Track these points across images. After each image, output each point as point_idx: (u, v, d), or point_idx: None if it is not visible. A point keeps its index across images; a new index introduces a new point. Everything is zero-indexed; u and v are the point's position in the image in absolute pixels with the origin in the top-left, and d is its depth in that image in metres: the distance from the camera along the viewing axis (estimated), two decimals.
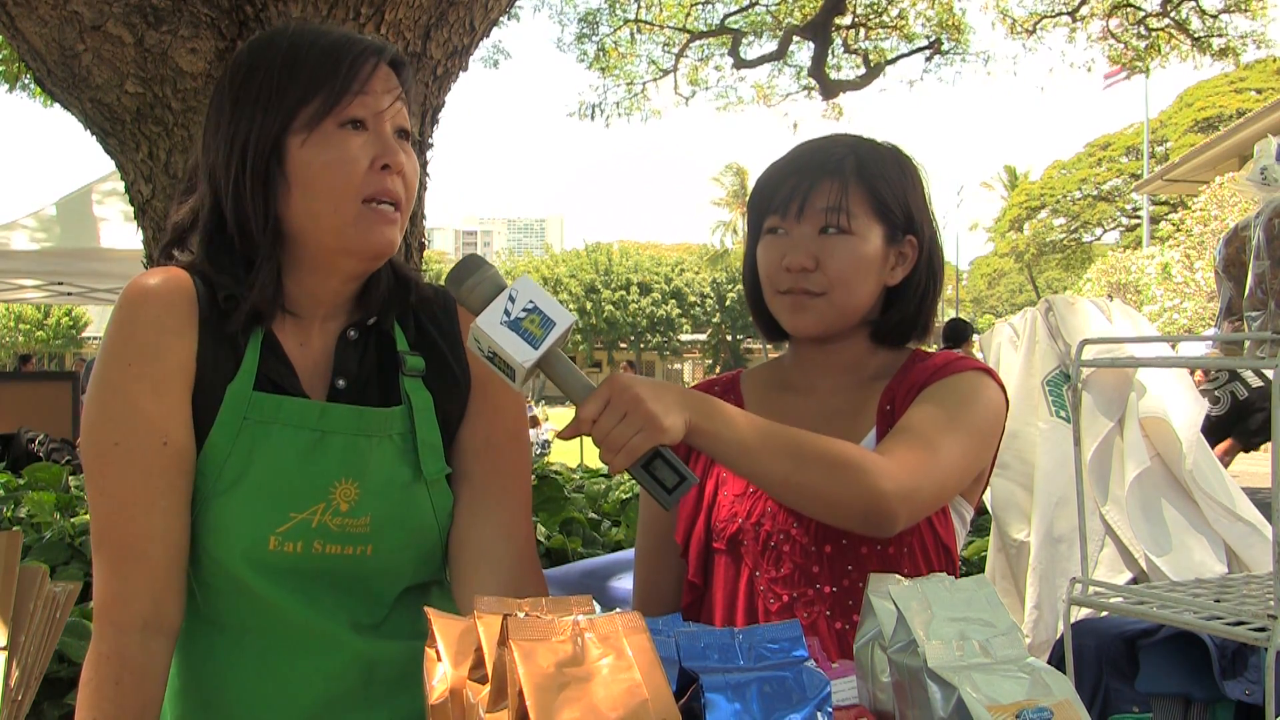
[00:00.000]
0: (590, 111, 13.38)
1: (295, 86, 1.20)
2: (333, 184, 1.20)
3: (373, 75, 1.22)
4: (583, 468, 8.56)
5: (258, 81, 1.22)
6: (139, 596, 1.17)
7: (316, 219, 1.21)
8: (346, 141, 1.20)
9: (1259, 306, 1.25)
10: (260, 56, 1.24)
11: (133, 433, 1.17)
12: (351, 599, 1.24)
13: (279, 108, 1.20)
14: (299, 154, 1.20)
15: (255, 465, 1.20)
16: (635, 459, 1.14)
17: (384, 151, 1.21)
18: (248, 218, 1.21)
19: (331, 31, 1.25)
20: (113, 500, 1.18)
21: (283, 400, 1.22)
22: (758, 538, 1.44)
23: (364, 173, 1.20)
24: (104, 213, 9.08)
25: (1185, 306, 20.36)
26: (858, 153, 1.45)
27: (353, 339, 1.28)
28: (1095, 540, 3.44)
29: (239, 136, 1.21)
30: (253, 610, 1.22)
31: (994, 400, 1.43)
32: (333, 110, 1.19)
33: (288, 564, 1.20)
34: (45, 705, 3.12)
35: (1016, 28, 11.49)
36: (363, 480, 1.23)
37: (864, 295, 1.44)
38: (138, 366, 1.18)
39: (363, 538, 1.23)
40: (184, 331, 1.19)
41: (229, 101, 1.23)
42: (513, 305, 1.13)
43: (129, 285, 1.22)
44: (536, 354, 1.12)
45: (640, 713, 0.69)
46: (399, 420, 1.26)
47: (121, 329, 1.19)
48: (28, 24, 2.95)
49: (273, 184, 1.20)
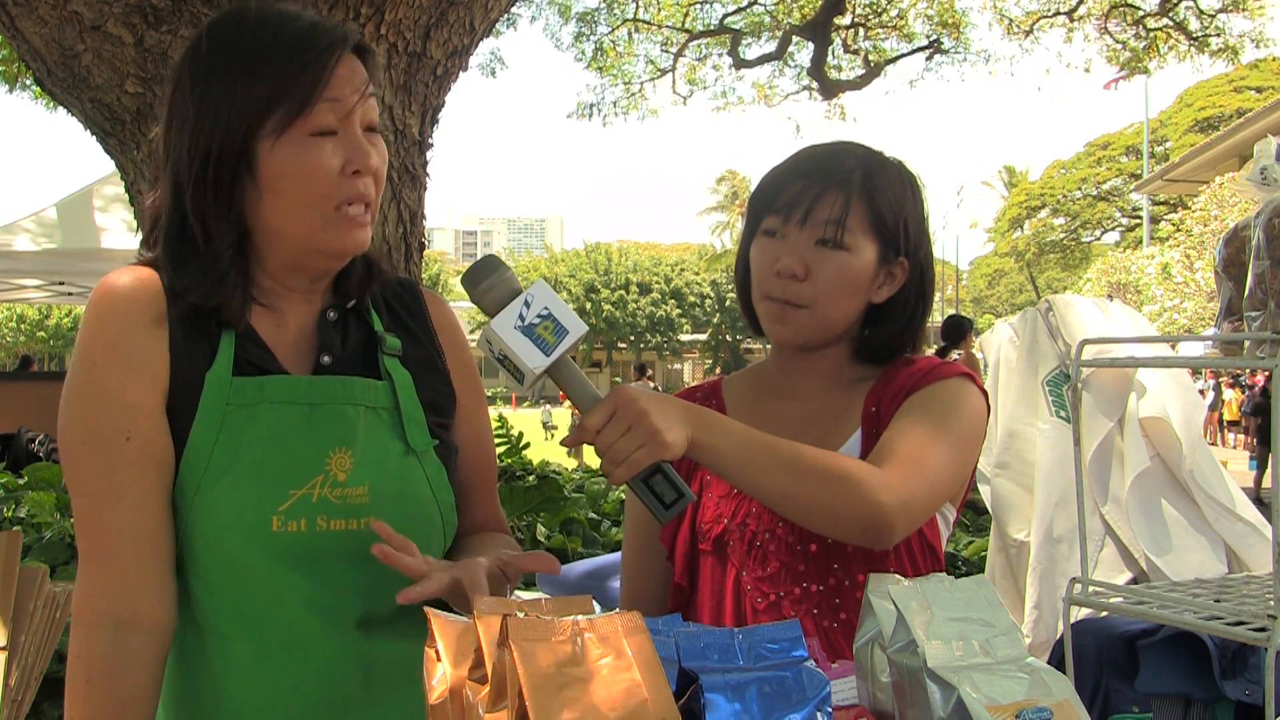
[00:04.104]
0: (588, 111, 13.39)
1: (261, 86, 1.18)
2: (303, 191, 1.19)
3: (338, 71, 1.20)
4: (583, 468, 8.57)
5: (220, 77, 1.19)
6: (109, 594, 1.17)
7: (286, 222, 1.21)
8: (318, 147, 1.19)
9: (1259, 306, 1.25)
10: (223, 48, 1.21)
11: (98, 430, 1.17)
12: (361, 585, 1.24)
13: (245, 108, 1.18)
14: (269, 159, 1.18)
15: (246, 448, 1.19)
16: (636, 472, 1.15)
17: (355, 156, 1.20)
18: (209, 219, 1.20)
19: (297, 20, 1.22)
20: (82, 497, 1.19)
21: (265, 380, 1.22)
22: (743, 537, 1.44)
23: (334, 179, 1.19)
24: (105, 214, 9.09)
25: (1185, 306, 20.38)
26: (866, 167, 1.45)
27: (333, 319, 1.29)
28: (1095, 540, 3.44)
29: (201, 135, 1.19)
30: (254, 605, 1.21)
31: (978, 407, 1.45)
32: (302, 115, 1.18)
33: (293, 545, 1.20)
34: (45, 705, 3.12)
35: (1013, 28, 11.49)
36: (355, 449, 1.23)
37: (847, 311, 1.45)
38: (104, 365, 1.18)
39: (363, 509, 1.23)
40: (152, 328, 1.19)
41: (190, 96, 1.20)
42: (527, 310, 1.13)
43: (97, 285, 1.22)
44: (548, 361, 1.13)
45: (640, 713, 0.69)
46: (384, 394, 1.27)
47: (89, 328, 1.20)
48: (28, 24, 2.95)
49: (239, 186, 1.20)
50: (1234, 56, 11.18)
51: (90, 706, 1.15)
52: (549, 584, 3.54)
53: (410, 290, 1.39)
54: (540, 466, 6.92)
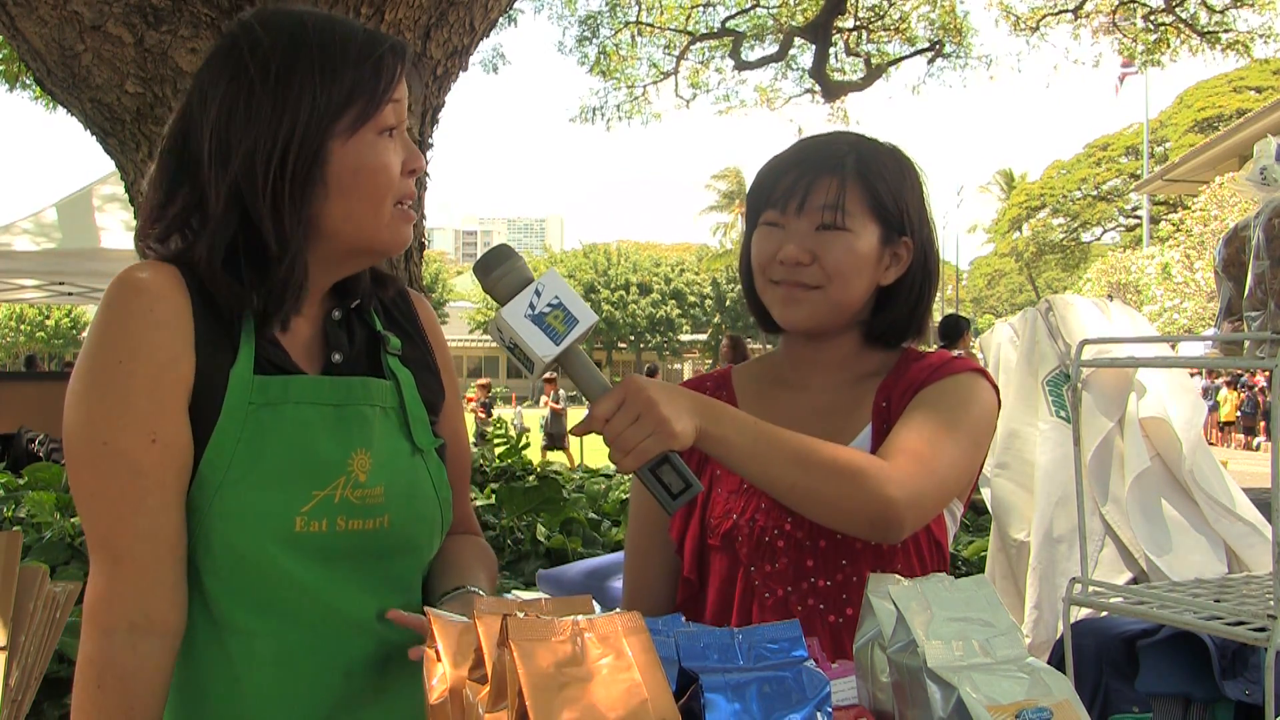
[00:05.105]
0: (591, 115, 13.40)
1: (339, 89, 1.20)
2: (374, 188, 1.21)
3: (401, 79, 1.24)
4: (583, 468, 8.57)
5: (298, 78, 1.19)
6: (124, 597, 1.15)
7: (352, 220, 1.22)
8: (385, 147, 1.22)
9: (1259, 306, 1.24)
10: (293, 49, 1.21)
11: (122, 431, 1.15)
12: (373, 583, 1.25)
13: (325, 109, 1.19)
14: (341, 157, 1.20)
15: (270, 448, 1.19)
16: (644, 462, 1.16)
17: (411, 157, 1.25)
18: (285, 219, 1.20)
19: (352, 25, 1.25)
20: (101, 500, 1.17)
21: (290, 380, 1.22)
22: (752, 533, 1.44)
23: (398, 176, 1.23)
24: (104, 214, 9.10)
25: (1185, 306, 20.39)
26: (859, 151, 1.46)
27: (338, 320, 1.30)
28: (1095, 540, 3.44)
29: (280, 135, 1.19)
30: (273, 602, 1.20)
31: (989, 402, 1.45)
32: (373, 117, 1.21)
33: (313, 545, 1.20)
34: (45, 705, 3.12)
35: (1020, 24, 11.48)
36: (373, 449, 1.25)
37: (858, 292, 1.45)
38: (129, 363, 1.16)
39: (379, 508, 1.24)
40: (178, 325, 1.18)
41: (264, 95, 1.19)
42: (538, 299, 1.15)
43: (118, 279, 1.19)
44: (558, 349, 1.14)
45: (640, 713, 0.69)
46: (391, 394, 1.29)
47: (111, 324, 1.17)
48: (28, 24, 2.95)
49: (312, 185, 1.20)
50: (1245, 51, 11.14)
51: (99, 710, 1.14)
52: (549, 584, 3.54)
53: (399, 289, 1.41)
54: (541, 466, 6.92)
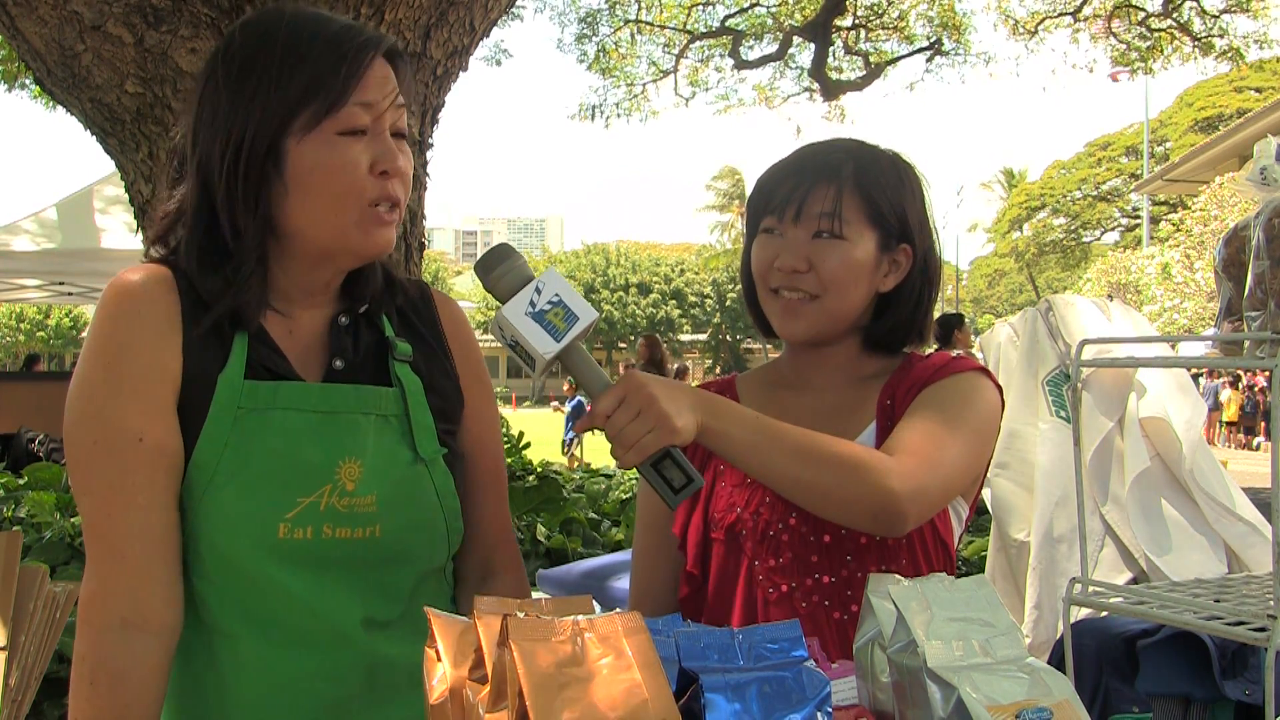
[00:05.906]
0: (590, 113, 13.39)
1: (295, 84, 1.18)
2: (333, 188, 1.19)
3: (371, 72, 1.20)
4: (583, 468, 8.57)
5: (255, 74, 1.19)
6: (116, 595, 1.16)
7: (314, 220, 1.21)
8: (346, 145, 1.19)
9: (1259, 306, 1.24)
10: (258, 46, 1.21)
11: (110, 430, 1.16)
12: (363, 590, 1.24)
13: (278, 105, 1.18)
14: (296, 155, 1.18)
15: (256, 453, 1.19)
16: (645, 457, 1.16)
17: (383, 156, 1.21)
18: (238, 215, 1.20)
19: (331, 22, 1.23)
20: (93, 499, 1.18)
21: (279, 385, 1.22)
22: (756, 527, 1.44)
23: (364, 176, 1.20)
24: (104, 214, 9.09)
25: (1185, 306, 20.39)
26: (857, 159, 1.46)
27: (344, 325, 1.29)
28: (1095, 540, 3.44)
29: (234, 131, 1.19)
30: (259, 607, 1.20)
31: (993, 401, 1.45)
32: (331, 113, 1.18)
33: (299, 552, 1.19)
34: (45, 705, 3.12)
35: (1018, 28, 11.49)
36: (365, 458, 1.23)
37: (855, 300, 1.45)
38: (117, 365, 1.17)
39: (370, 517, 1.23)
40: (166, 328, 1.19)
41: (224, 92, 1.20)
42: (538, 297, 1.16)
43: (111, 283, 1.21)
44: (558, 346, 1.15)
45: (640, 713, 0.69)
46: (394, 402, 1.28)
47: (103, 327, 1.19)
48: (28, 24, 2.95)
49: (267, 183, 1.19)
50: (1238, 58, 11.16)
51: (94, 708, 1.14)
52: (549, 584, 3.54)
53: (422, 293, 1.39)
54: (541, 466, 6.92)
